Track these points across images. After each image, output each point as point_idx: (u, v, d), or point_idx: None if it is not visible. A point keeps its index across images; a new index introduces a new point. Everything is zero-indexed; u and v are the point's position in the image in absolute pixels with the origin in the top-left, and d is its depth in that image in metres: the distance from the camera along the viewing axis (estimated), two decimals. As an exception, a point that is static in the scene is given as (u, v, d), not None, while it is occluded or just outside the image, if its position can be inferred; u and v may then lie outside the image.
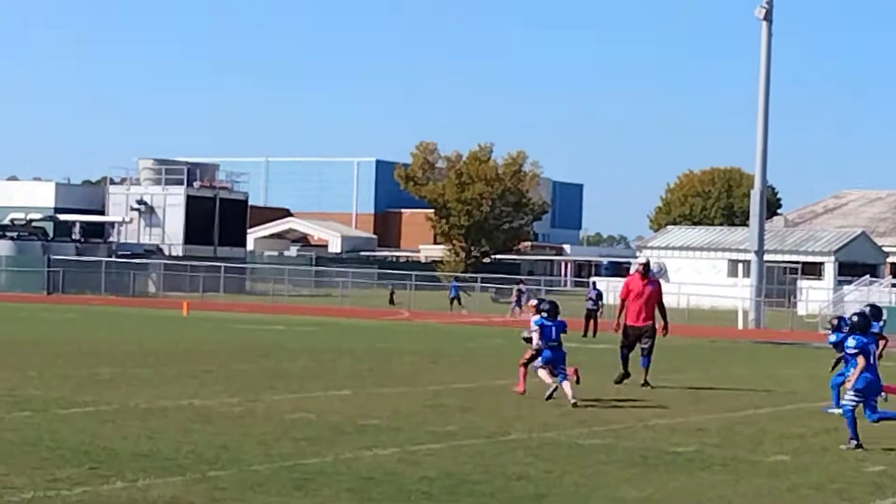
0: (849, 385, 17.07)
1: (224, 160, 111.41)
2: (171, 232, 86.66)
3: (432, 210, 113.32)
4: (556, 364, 21.18)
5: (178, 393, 20.78)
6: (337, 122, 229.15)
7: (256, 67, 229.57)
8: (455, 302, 65.44)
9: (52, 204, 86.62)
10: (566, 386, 20.77)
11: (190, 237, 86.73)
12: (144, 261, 79.48)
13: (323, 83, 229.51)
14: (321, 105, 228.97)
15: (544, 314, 21.65)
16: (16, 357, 27.27)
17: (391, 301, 71.10)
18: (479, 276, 79.33)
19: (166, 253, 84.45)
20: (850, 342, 17.09)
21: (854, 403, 16.70)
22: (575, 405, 20.17)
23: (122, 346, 31.59)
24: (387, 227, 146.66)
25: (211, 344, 33.97)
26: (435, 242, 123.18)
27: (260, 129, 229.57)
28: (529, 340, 21.82)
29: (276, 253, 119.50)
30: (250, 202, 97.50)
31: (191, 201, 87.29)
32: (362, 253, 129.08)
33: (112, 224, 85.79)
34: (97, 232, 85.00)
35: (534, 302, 23.28)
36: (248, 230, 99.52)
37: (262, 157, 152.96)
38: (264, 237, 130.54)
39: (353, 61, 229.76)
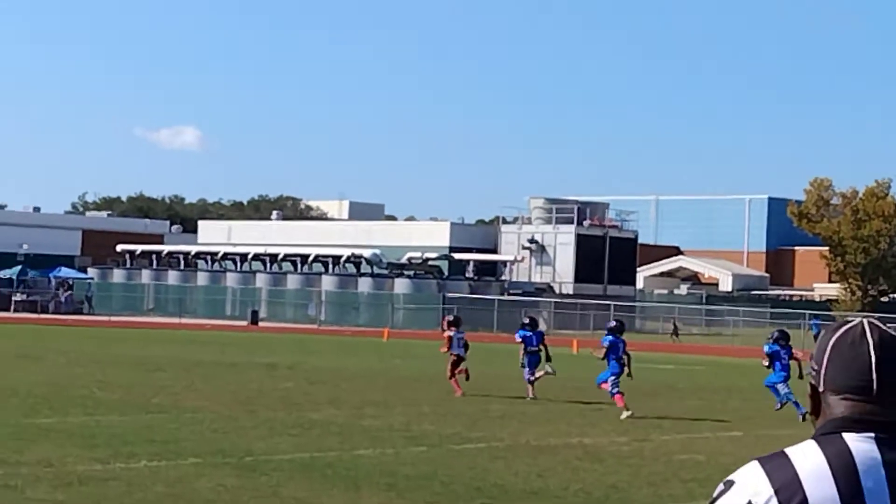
0: None
1: (614, 199, 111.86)
2: (562, 270, 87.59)
3: (827, 248, 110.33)
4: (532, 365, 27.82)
5: (567, 431, 20.90)
6: (728, 159, 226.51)
7: (648, 109, 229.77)
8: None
9: (447, 243, 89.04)
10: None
11: (580, 275, 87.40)
12: (535, 298, 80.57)
13: (711, 121, 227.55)
14: (711, 143, 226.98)
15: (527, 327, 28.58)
16: (411, 393, 28.10)
17: (675, 334, 71.87)
18: (877, 315, 76.60)
19: (556, 291, 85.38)
20: None
21: None
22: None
23: (512, 384, 32.05)
24: (779, 265, 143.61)
25: (600, 382, 34.00)
26: (830, 281, 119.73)
27: (649, 167, 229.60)
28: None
29: (665, 291, 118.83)
30: (640, 240, 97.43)
31: (581, 240, 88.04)
32: (754, 291, 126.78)
33: (504, 262, 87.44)
34: (490, 270, 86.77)
35: (450, 318, 29.86)
36: (638, 268, 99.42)
37: (652, 195, 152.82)
38: (654, 275, 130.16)
39: (744, 96, 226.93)
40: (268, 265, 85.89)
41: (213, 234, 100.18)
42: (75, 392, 25.20)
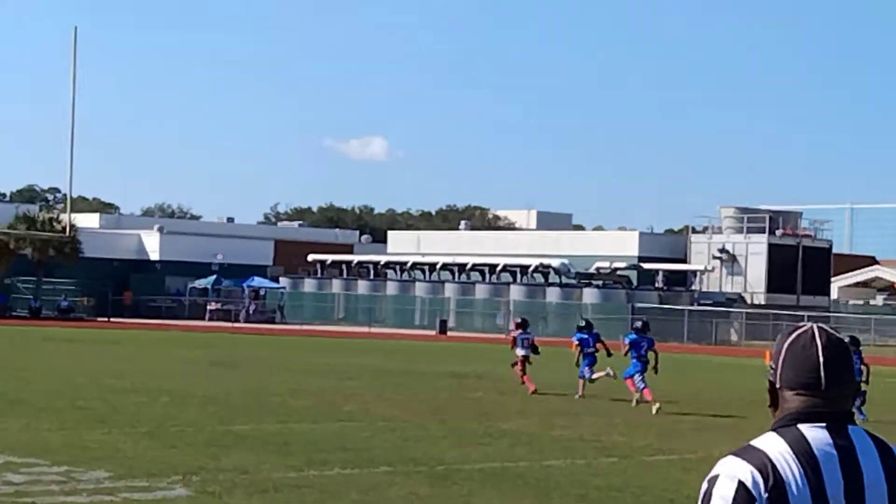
0: None
1: (807, 208, 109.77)
2: (753, 280, 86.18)
3: None
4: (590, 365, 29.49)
5: (762, 444, 20.49)
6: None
7: (841, 116, 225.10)
8: None
9: (636, 253, 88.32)
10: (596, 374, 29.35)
11: (772, 285, 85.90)
12: (726, 309, 79.44)
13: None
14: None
15: (583, 330, 30.14)
16: (600, 403, 27.90)
17: None
18: None
19: (748, 301, 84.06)
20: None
21: None
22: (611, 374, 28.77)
23: (703, 395, 31.61)
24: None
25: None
26: None
27: (843, 175, 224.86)
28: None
29: (860, 302, 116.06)
30: (834, 250, 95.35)
31: (773, 249, 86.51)
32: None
33: (694, 272, 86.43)
34: (679, 280, 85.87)
35: (518, 320, 32.90)
36: (832, 278, 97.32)
37: (847, 203, 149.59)
38: (848, 285, 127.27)
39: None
40: (456, 275, 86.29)
41: (402, 244, 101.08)
42: (269, 400, 25.60)
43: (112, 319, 75.94)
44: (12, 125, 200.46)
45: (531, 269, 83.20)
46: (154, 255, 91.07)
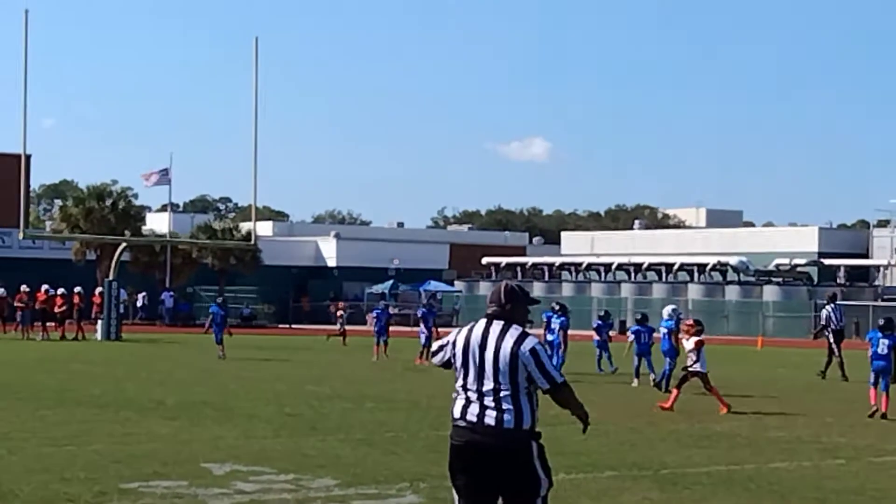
0: None
1: None
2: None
3: None
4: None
5: None
6: None
7: None
8: None
9: (815, 248, 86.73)
10: None
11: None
12: (912, 304, 77.39)
13: None
14: None
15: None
16: (806, 403, 27.29)
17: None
18: None
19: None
20: None
21: None
22: None
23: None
24: None
25: None
26: None
27: None
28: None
29: None
30: None
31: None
32: None
33: (877, 268, 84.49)
34: (861, 276, 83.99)
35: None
36: None
37: None
38: None
39: None
40: (632, 275, 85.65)
41: (575, 245, 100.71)
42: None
43: (293, 326, 76.88)
44: (192, 137, 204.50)
45: (709, 267, 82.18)
46: (331, 262, 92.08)
